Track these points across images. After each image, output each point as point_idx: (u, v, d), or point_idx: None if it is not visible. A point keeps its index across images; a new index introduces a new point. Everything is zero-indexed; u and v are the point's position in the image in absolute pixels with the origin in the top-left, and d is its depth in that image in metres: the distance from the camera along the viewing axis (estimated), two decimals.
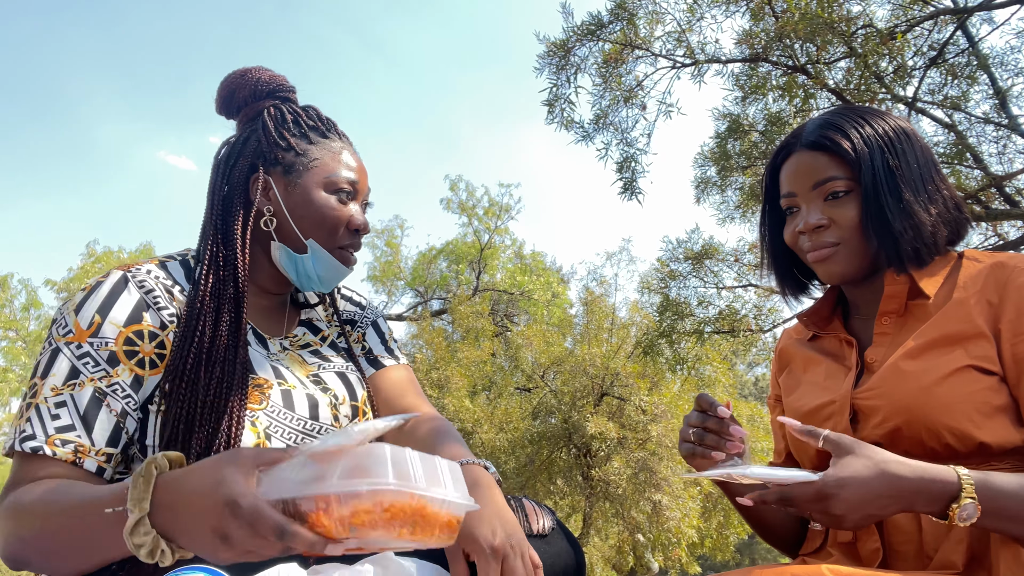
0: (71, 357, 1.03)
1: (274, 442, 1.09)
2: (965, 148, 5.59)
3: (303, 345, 1.29)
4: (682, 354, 7.58)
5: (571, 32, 5.81)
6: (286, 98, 1.30)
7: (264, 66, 1.32)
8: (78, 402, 1.00)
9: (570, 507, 11.60)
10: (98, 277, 1.12)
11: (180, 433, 1.03)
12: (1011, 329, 1.03)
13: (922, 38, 5.51)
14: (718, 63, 5.78)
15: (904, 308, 1.14)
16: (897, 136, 1.15)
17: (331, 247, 1.22)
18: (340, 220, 1.22)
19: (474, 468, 1.04)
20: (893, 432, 1.05)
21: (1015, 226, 6.13)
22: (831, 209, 1.14)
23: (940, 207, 1.14)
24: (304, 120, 1.25)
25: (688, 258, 8.05)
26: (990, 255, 1.12)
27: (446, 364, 11.62)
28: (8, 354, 14.27)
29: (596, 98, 6.07)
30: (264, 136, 1.22)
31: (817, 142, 1.15)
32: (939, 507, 0.91)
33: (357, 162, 1.27)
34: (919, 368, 1.04)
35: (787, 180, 1.20)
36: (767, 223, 1.32)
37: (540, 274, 16.08)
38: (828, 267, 1.16)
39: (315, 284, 1.24)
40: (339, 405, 1.20)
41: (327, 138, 1.25)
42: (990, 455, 1.00)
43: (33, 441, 0.97)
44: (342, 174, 1.23)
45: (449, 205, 16.18)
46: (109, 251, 15.54)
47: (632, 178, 5.99)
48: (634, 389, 10.32)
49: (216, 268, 1.16)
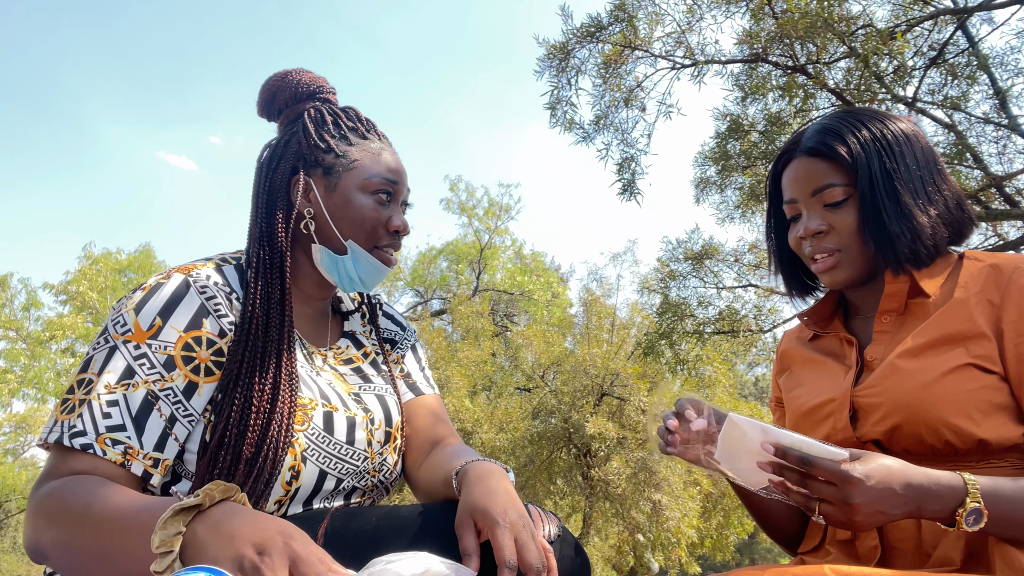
0: (128, 357, 1.02)
1: (308, 465, 1.09)
2: (965, 148, 5.59)
3: (346, 360, 1.28)
4: (682, 355, 7.58)
5: (570, 34, 5.81)
6: (326, 99, 1.30)
7: (305, 68, 1.33)
8: (130, 403, 0.99)
9: (570, 507, 11.60)
10: (158, 277, 1.11)
11: (226, 447, 1.02)
12: (1014, 329, 1.03)
13: (922, 38, 5.52)
14: (718, 64, 5.78)
15: (904, 307, 1.15)
16: (895, 138, 1.15)
17: (370, 248, 1.22)
18: (379, 221, 1.22)
19: (488, 462, 1.02)
20: (893, 429, 1.05)
21: (1015, 226, 6.14)
22: (830, 215, 1.15)
23: (940, 208, 1.14)
24: (344, 121, 1.25)
25: (688, 258, 8.05)
26: (991, 255, 1.13)
27: (446, 364, 11.62)
28: (8, 354, 14.25)
29: (596, 99, 6.07)
30: (304, 138, 1.23)
31: (815, 149, 1.16)
32: (946, 512, 0.91)
33: (396, 163, 1.27)
34: (919, 366, 1.05)
35: (788, 187, 1.21)
36: (772, 227, 1.33)
37: (540, 274, 16.09)
38: (832, 275, 1.18)
39: (356, 285, 1.24)
40: (375, 430, 1.20)
41: (366, 139, 1.25)
42: (990, 452, 1.00)
43: (84, 438, 0.96)
44: (381, 175, 1.23)
45: (449, 205, 16.20)
46: (107, 253, 15.53)
47: (632, 179, 5.99)
48: (634, 389, 10.32)
49: (264, 272, 1.16)
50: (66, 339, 14.04)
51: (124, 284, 14.86)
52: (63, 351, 14.28)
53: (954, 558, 0.98)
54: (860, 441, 1.09)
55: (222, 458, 1.02)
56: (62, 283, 14.60)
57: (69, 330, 13.89)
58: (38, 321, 14.79)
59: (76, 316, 14.24)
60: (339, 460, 1.12)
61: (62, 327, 13.89)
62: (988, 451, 1.00)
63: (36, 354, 14.14)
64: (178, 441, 1.03)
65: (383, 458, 1.20)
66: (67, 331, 13.90)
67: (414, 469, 1.24)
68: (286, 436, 1.06)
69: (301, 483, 1.08)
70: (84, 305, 14.24)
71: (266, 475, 1.04)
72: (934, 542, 1.01)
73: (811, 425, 1.17)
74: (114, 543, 0.84)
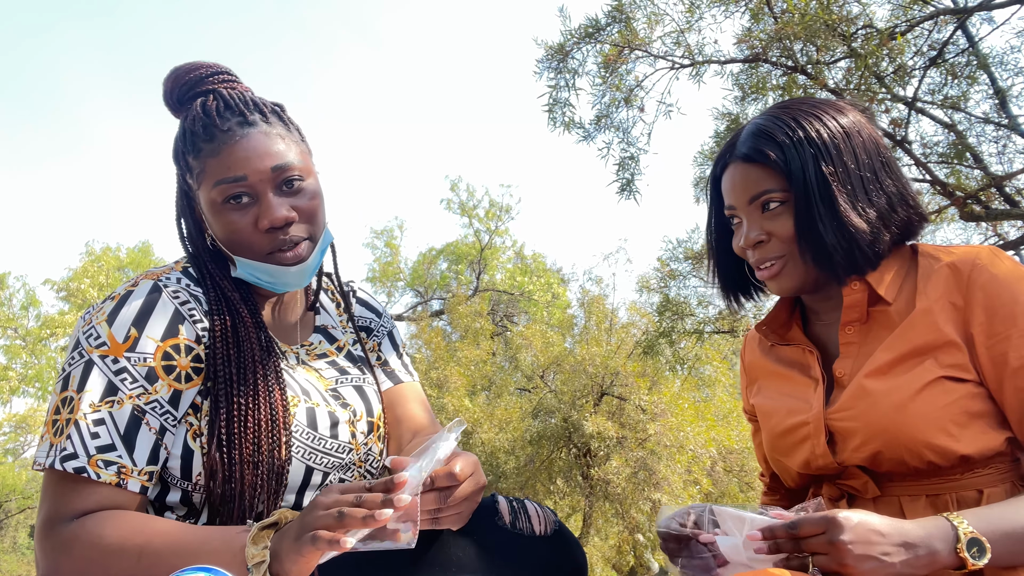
0: (107, 372, 0.99)
1: (294, 463, 1.08)
2: (965, 148, 5.59)
3: (320, 355, 1.25)
4: (682, 354, 7.58)
5: (569, 36, 5.82)
6: (208, 91, 1.15)
7: (203, 60, 1.19)
8: (118, 421, 0.98)
9: (570, 507, 11.59)
10: (127, 285, 1.07)
11: (218, 452, 1.02)
12: (984, 332, 1.01)
13: (922, 38, 5.51)
14: (717, 64, 5.79)
15: (867, 315, 1.11)
16: (832, 137, 1.09)
17: (257, 257, 1.10)
18: (243, 231, 1.08)
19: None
20: (874, 455, 1.03)
21: (1015, 226, 6.13)
22: (769, 222, 1.11)
23: (883, 208, 1.09)
24: (201, 125, 1.10)
25: (688, 258, 8.05)
26: (944, 251, 1.09)
27: (445, 364, 11.62)
28: (8, 352, 14.26)
29: (596, 99, 6.08)
30: (178, 154, 1.14)
31: (748, 155, 1.11)
32: (950, 555, 0.88)
33: (243, 152, 1.07)
34: (890, 386, 1.02)
35: (727, 193, 1.17)
36: (713, 230, 1.28)
37: (540, 275, 16.08)
38: (779, 283, 1.14)
39: (280, 287, 1.15)
40: (356, 422, 1.19)
41: (213, 139, 1.08)
42: (973, 465, 0.99)
43: (75, 461, 0.95)
44: (220, 179, 1.07)
45: (449, 205, 16.19)
46: (108, 248, 15.55)
47: (630, 179, 6.00)
48: (634, 388, 10.32)
49: (219, 280, 1.13)
50: (65, 336, 14.04)
51: (124, 281, 14.86)
52: (62, 349, 14.29)
53: None
54: (842, 466, 1.07)
55: (223, 465, 1.02)
56: (63, 280, 14.62)
57: (70, 328, 13.89)
58: (38, 319, 14.80)
59: (76, 313, 14.25)
60: (324, 455, 1.12)
61: (62, 324, 13.90)
62: (971, 463, 0.99)
63: (36, 352, 14.15)
64: (167, 450, 1.02)
65: (368, 448, 1.20)
66: (67, 328, 13.90)
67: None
68: (286, 437, 1.06)
69: (287, 481, 1.08)
70: (84, 302, 14.25)
71: (275, 478, 1.05)
72: None
73: (788, 448, 1.15)
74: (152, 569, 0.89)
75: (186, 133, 1.12)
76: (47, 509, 0.96)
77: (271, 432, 1.05)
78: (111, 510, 0.96)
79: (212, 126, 1.09)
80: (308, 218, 1.12)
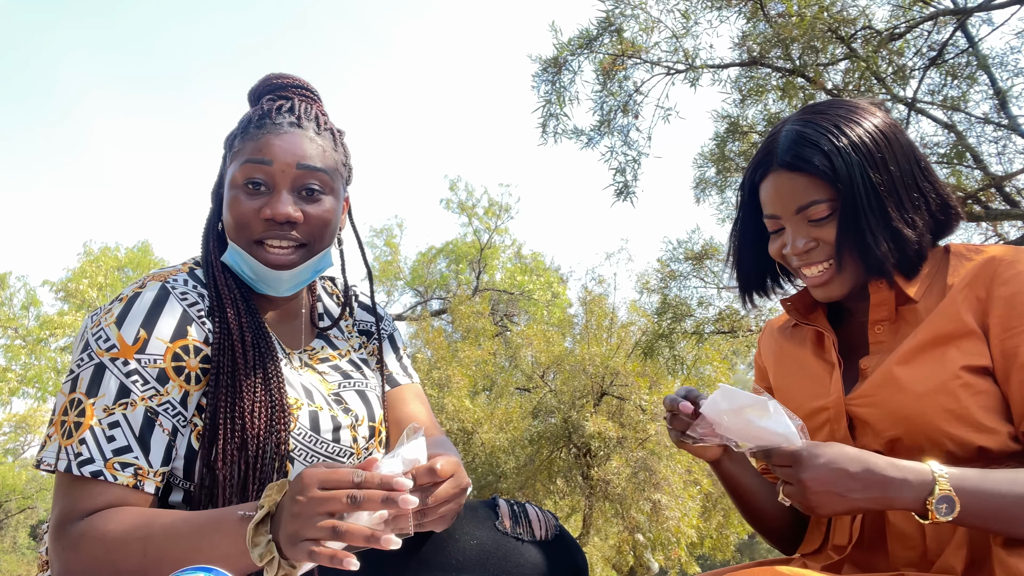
0: (119, 375, 0.99)
1: (296, 465, 1.09)
2: (965, 148, 5.58)
3: (323, 359, 1.25)
4: (682, 355, 7.59)
5: (562, 48, 5.84)
6: (283, 96, 1.21)
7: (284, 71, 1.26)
8: (132, 423, 0.98)
9: (570, 507, 11.59)
10: (134, 287, 1.08)
11: (226, 455, 1.02)
12: (1000, 325, 1.01)
13: (922, 39, 5.51)
14: (714, 68, 5.79)
15: (895, 314, 1.12)
16: (876, 142, 1.07)
17: (246, 244, 1.11)
18: (246, 212, 1.10)
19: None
20: (893, 441, 1.04)
21: (1015, 226, 6.13)
22: (816, 230, 1.09)
23: (926, 215, 1.09)
24: (263, 113, 1.15)
25: (688, 258, 8.05)
26: (980, 249, 1.09)
27: (446, 364, 11.61)
28: (8, 352, 14.25)
29: (596, 105, 6.09)
30: (229, 137, 1.19)
31: (793, 164, 1.08)
32: (917, 502, 0.90)
33: (280, 143, 1.10)
34: (914, 375, 1.03)
35: (768, 202, 1.13)
36: (739, 229, 1.25)
37: (540, 274, 16.08)
38: (826, 290, 1.13)
39: (261, 287, 1.16)
40: (358, 426, 1.19)
41: (262, 128, 1.13)
42: (990, 459, 1.00)
43: (92, 465, 0.95)
44: (246, 159, 1.10)
45: (449, 205, 16.19)
46: (107, 249, 15.53)
47: (628, 182, 6.02)
48: (634, 388, 10.32)
49: (225, 278, 1.14)
50: (65, 337, 14.03)
51: (123, 281, 14.87)
52: (61, 349, 14.28)
53: (955, 566, 0.98)
54: None
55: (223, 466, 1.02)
56: (62, 280, 14.61)
57: (69, 328, 13.88)
58: (38, 320, 14.79)
59: (76, 313, 14.24)
60: (326, 458, 1.12)
61: (61, 325, 13.89)
62: (988, 458, 0.99)
63: (36, 352, 14.13)
64: (177, 451, 1.03)
65: (369, 452, 1.20)
66: (67, 329, 13.89)
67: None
68: (286, 438, 1.06)
69: None
70: (83, 303, 14.24)
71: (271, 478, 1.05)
72: (938, 550, 1.00)
73: (808, 432, 1.17)
74: (202, 542, 0.88)
75: (243, 120, 1.17)
76: (59, 511, 0.96)
77: (271, 433, 1.05)
78: (117, 507, 0.96)
79: (266, 118, 1.14)
80: (313, 226, 1.12)
